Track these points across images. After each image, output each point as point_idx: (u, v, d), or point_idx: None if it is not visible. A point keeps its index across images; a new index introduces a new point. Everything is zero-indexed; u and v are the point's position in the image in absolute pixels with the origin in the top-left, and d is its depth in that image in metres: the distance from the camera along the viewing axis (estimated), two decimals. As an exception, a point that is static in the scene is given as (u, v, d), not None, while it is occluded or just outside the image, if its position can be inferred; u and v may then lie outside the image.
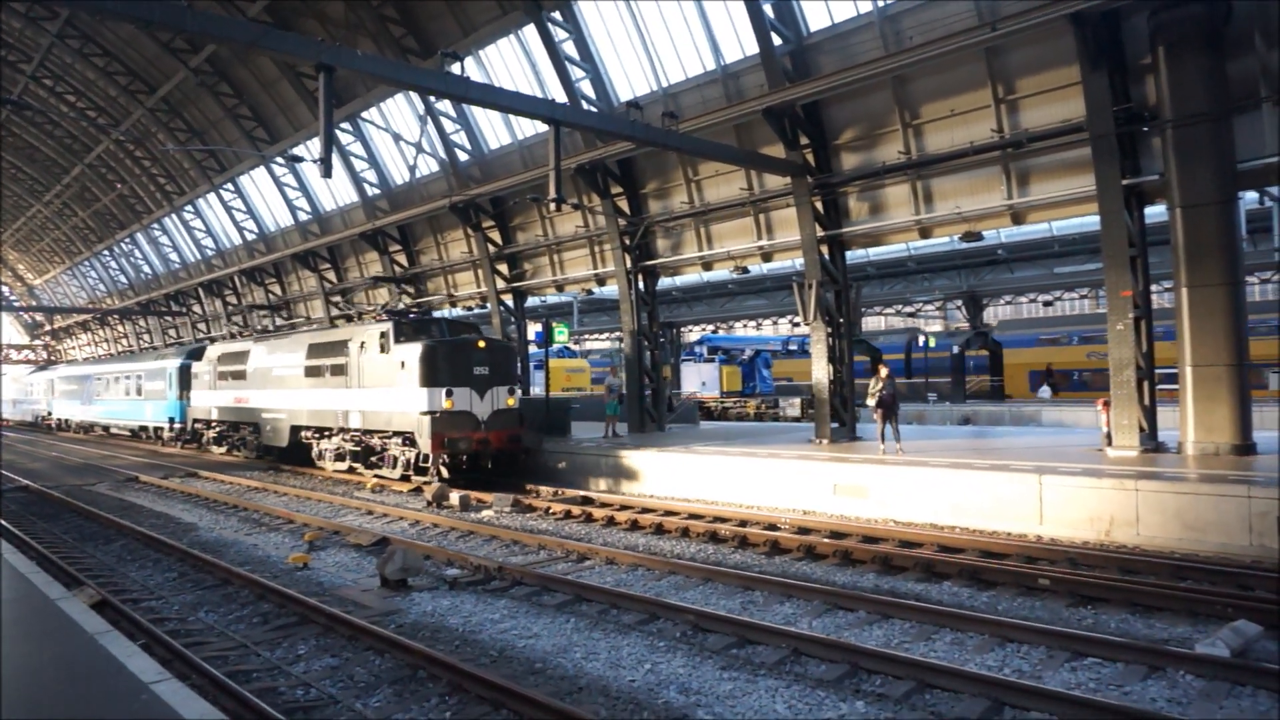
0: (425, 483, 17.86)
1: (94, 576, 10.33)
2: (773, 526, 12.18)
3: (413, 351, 17.48)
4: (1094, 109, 13.89)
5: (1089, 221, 18.43)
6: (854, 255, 18.45)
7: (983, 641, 7.29)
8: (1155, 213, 14.88)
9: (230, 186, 38.44)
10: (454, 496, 15.41)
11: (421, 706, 6.23)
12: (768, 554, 11.02)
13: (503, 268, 26.63)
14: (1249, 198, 14.17)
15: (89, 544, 12.82)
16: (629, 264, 22.01)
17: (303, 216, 34.99)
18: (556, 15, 20.66)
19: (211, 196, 40.22)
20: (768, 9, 17.14)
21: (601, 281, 24.08)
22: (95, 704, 4.90)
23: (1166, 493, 10.61)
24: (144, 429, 34.37)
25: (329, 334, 21.72)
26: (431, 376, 17.12)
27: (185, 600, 9.41)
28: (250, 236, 39.42)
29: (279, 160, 33.09)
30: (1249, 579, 8.76)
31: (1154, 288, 15.48)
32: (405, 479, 18.42)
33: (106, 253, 55.09)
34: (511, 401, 18.11)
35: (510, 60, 23.27)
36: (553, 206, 14.82)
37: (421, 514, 14.47)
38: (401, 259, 30.70)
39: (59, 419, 45.37)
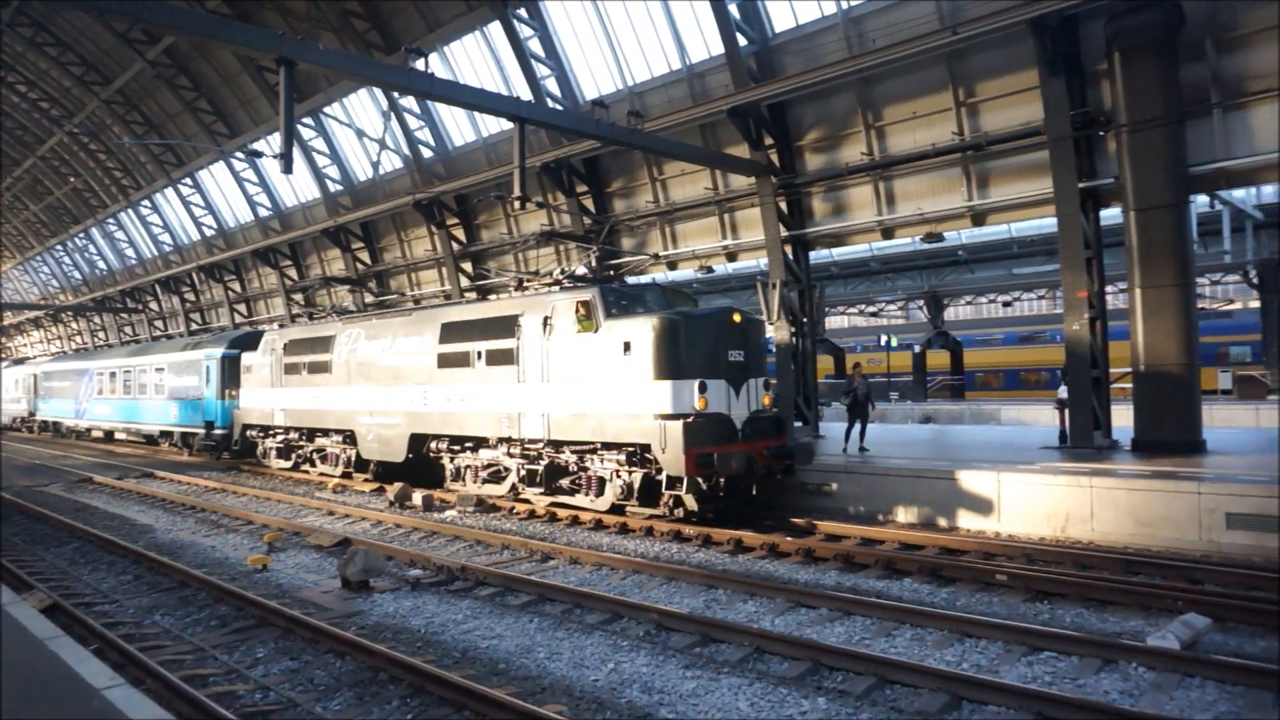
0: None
1: (45, 580, 10.08)
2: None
3: (641, 329, 12.25)
4: (1052, 113, 14.15)
5: (1047, 224, 18.75)
6: (818, 255, 18.62)
7: (942, 637, 7.39)
8: (1110, 215, 15.20)
9: (189, 181, 37.74)
10: (416, 496, 15.27)
11: (383, 709, 6.17)
12: (731, 552, 11.07)
13: (467, 266, 26.45)
14: (1200, 201, 14.51)
15: (40, 547, 12.51)
16: (593, 263, 21.95)
17: (263, 212, 34.45)
18: (522, 12, 20.57)
19: (169, 191, 39.46)
20: (733, 9, 17.22)
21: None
22: (45, 711, 4.78)
23: (1119, 489, 10.84)
24: (165, 435, 27.70)
25: (480, 309, 15.68)
26: (673, 364, 11.94)
27: (140, 604, 9.22)
28: (209, 232, 38.72)
29: (239, 155, 32.60)
30: (1198, 573, 8.98)
31: (1109, 289, 15.80)
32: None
33: (60, 248, 53.81)
34: (768, 400, 13.16)
35: (476, 57, 23.12)
36: (517, 205, 14.74)
37: (384, 514, 14.32)
38: (365, 256, 30.36)
39: (44, 421, 38.76)
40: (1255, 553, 9.63)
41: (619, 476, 12.86)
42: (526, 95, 20.75)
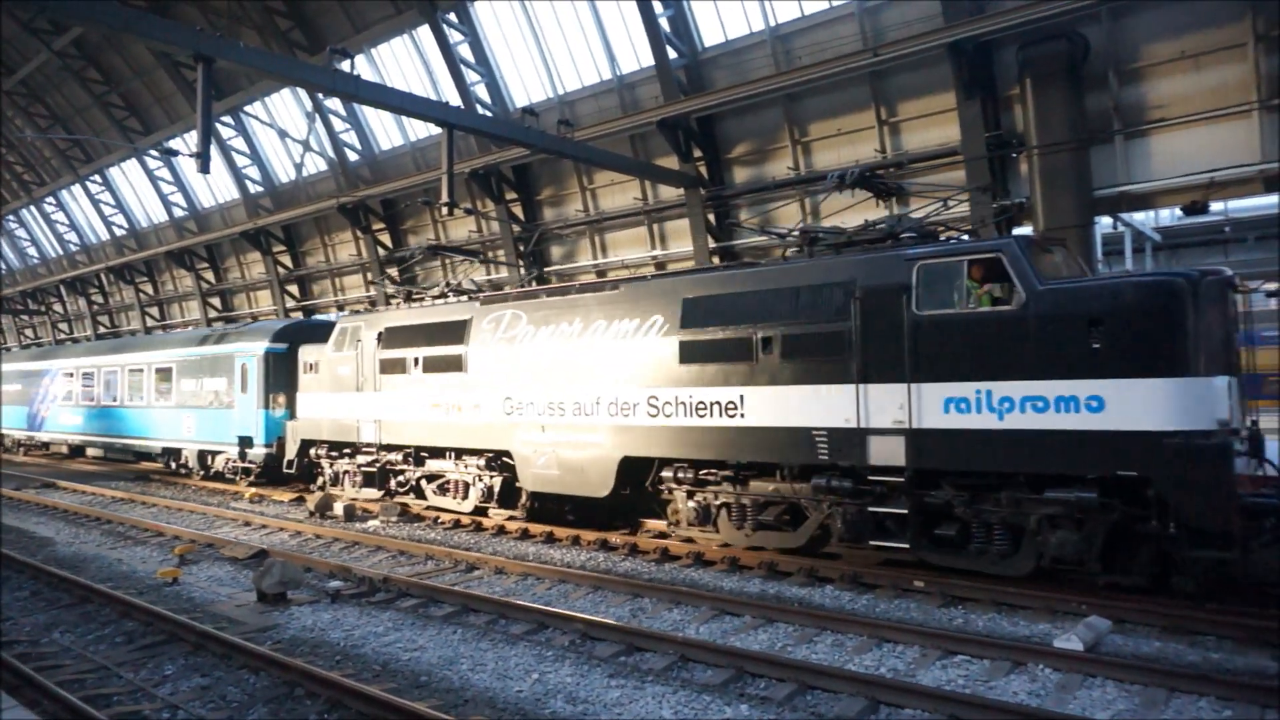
0: (307, 490, 17.20)
1: (-68, 597, 9.52)
2: (663, 534, 12.29)
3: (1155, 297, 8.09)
4: (968, 134, 14.69)
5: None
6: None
7: (861, 643, 7.57)
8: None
9: (98, 178, 36.16)
10: (338, 506, 14.91)
11: (298, 725, 6.01)
12: (658, 561, 11.12)
13: (393, 272, 25.99)
14: (1104, 222, 15.27)
15: (-73, 561, 11.79)
16: (523, 271, 21.86)
17: (179, 213, 33.23)
18: (452, 17, 20.40)
19: (76, 188, 37.74)
20: (663, 22, 17.41)
21: (497, 288, 23.78)
22: (-70, 736, 4.52)
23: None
24: (169, 453, 21.55)
25: (763, 276, 10.70)
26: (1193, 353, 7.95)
27: (37, 621, 8.78)
28: (120, 232, 37.14)
29: (153, 153, 31.41)
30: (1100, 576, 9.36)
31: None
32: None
33: (-46, 245, 50.93)
34: None
35: (404, 60, 22.82)
36: (445, 211, 14.61)
37: (303, 525, 13.94)
38: (286, 260, 29.56)
39: None
40: None
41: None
42: (456, 101, 20.56)
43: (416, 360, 14.45)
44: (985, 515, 8.92)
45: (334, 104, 24.53)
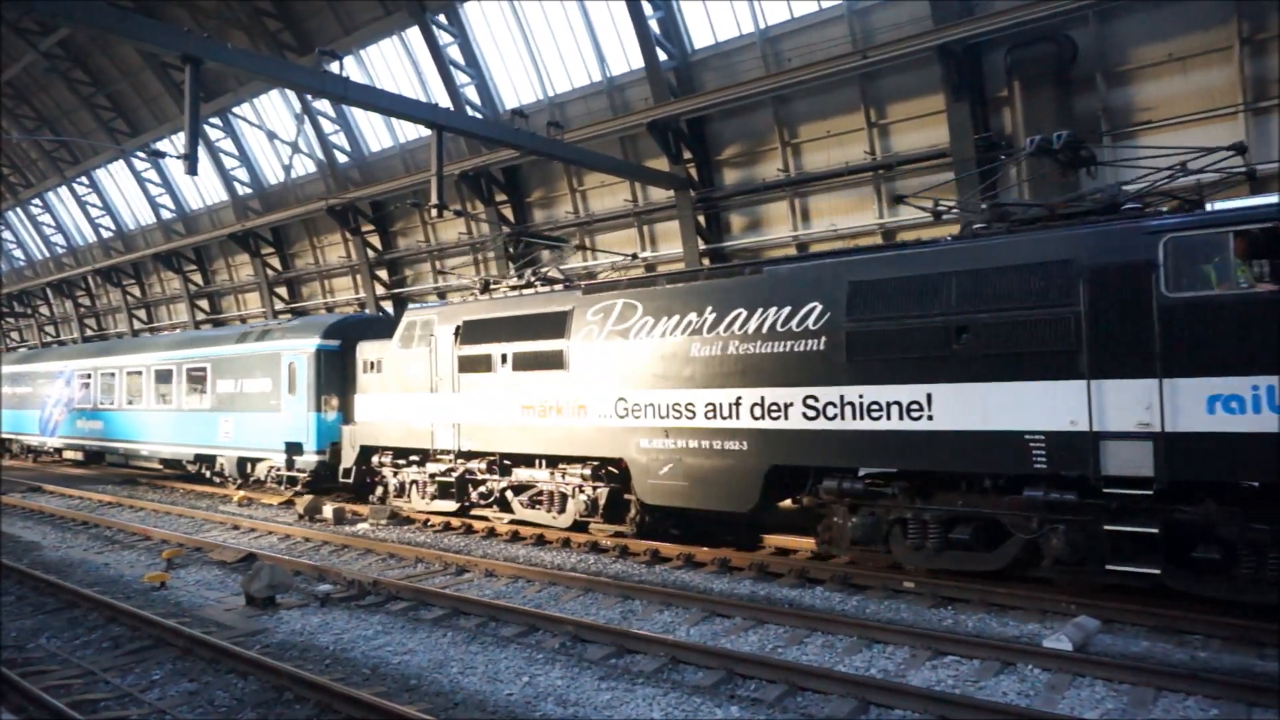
0: (296, 494, 17.10)
1: (-84, 602, 9.43)
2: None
3: None
4: (957, 136, 14.75)
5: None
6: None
7: (851, 644, 7.58)
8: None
9: (85, 180, 35.93)
10: (327, 509, 14.85)
11: (287, 730, 5.97)
12: (648, 563, 11.11)
13: (383, 273, 25.93)
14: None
15: (-89, 566, 11.68)
16: (512, 272, 21.83)
17: (166, 215, 33.06)
18: (441, 19, 20.37)
19: (63, 190, 37.48)
20: (653, 24, 17.42)
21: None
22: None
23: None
24: (201, 460, 19.62)
25: (977, 250, 9.02)
26: None
27: (24, 626, 8.71)
28: (107, 234, 36.92)
29: (140, 154, 31.24)
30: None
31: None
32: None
33: (-61, 247, 50.54)
34: None
35: (393, 62, 22.77)
36: (435, 212, 14.56)
37: (292, 528, 13.87)
38: (275, 262, 29.44)
39: None
40: None
41: None
42: (445, 102, 20.52)
43: (504, 357, 12.92)
44: (1259, 537, 7.45)
45: (323, 105, 24.45)
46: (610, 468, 11.98)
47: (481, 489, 13.78)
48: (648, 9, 17.27)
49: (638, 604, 9.06)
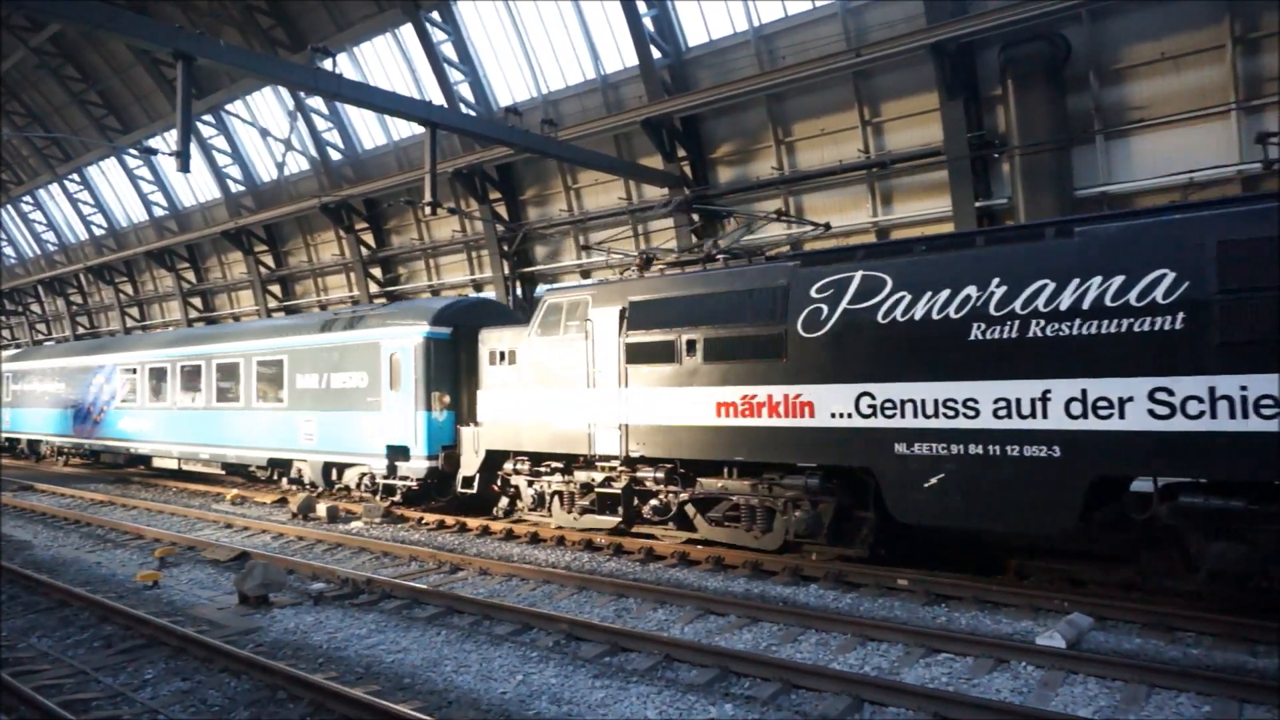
0: (290, 493, 17.04)
1: (-93, 602, 9.38)
2: (649, 534, 12.26)
3: None
4: (950, 135, 14.76)
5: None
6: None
7: (846, 641, 7.59)
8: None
9: (76, 177, 35.77)
10: (321, 508, 14.82)
11: (280, 729, 5.96)
12: (642, 561, 11.11)
13: (376, 271, 25.88)
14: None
15: (-98, 566, 11.62)
16: (506, 270, 21.82)
17: (159, 212, 32.92)
18: (435, 16, 20.32)
19: (54, 187, 37.32)
20: (647, 22, 17.41)
21: (479, 287, 23.72)
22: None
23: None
24: (276, 464, 17.69)
25: None
26: None
27: (15, 626, 8.66)
28: (99, 232, 36.77)
29: (132, 151, 31.10)
30: (1081, 574, 9.43)
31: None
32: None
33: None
34: None
35: (387, 59, 22.71)
36: (428, 210, 14.53)
37: (286, 526, 13.84)
38: (269, 260, 29.35)
39: (10, 440, 28.06)
40: None
41: None
42: (439, 100, 20.47)
43: (691, 345, 10.78)
44: None
45: (316, 103, 24.37)
46: (839, 478, 9.91)
47: (654, 502, 11.56)
48: (642, 7, 17.25)
49: (632, 602, 9.06)
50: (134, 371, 21.49)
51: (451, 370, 14.53)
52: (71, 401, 24.19)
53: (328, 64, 13.17)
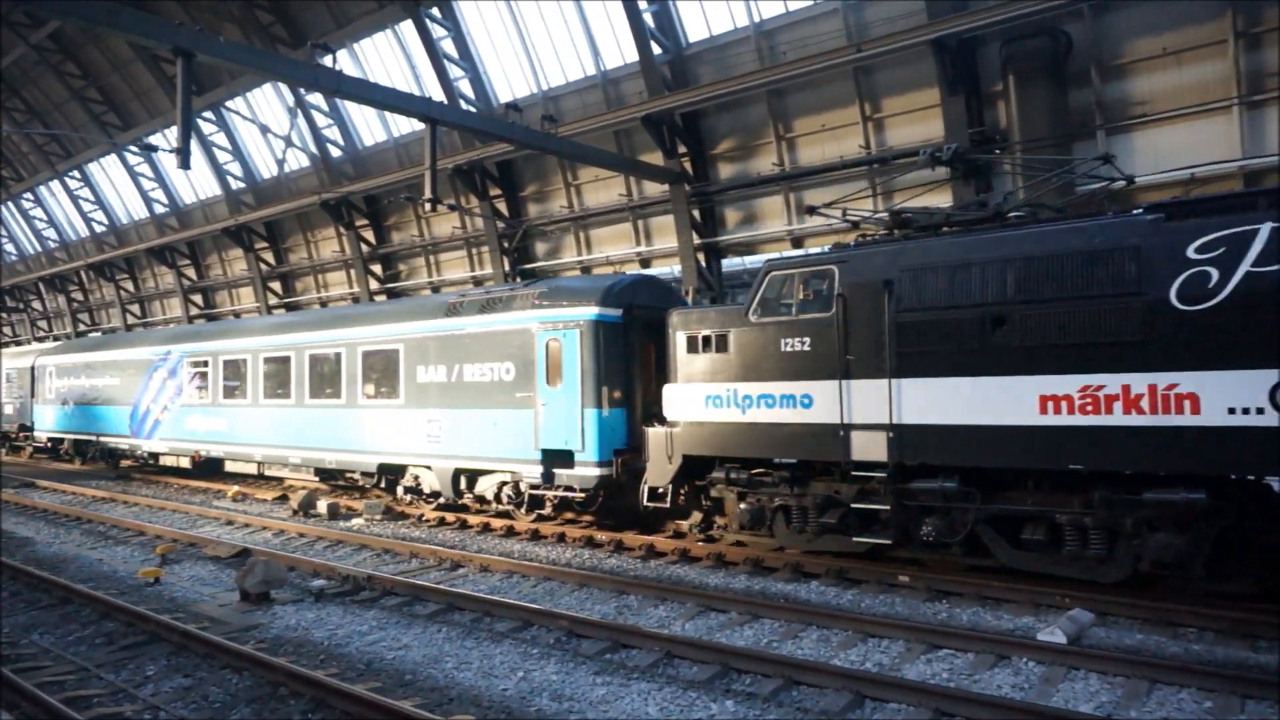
0: (289, 490, 17.04)
1: (-92, 599, 9.39)
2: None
3: None
4: (951, 130, 14.74)
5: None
6: (731, 263, 18.98)
7: (847, 638, 7.59)
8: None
9: (77, 174, 35.75)
10: (322, 504, 14.82)
11: (282, 726, 5.96)
12: (643, 558, 11.11)
13: (376, 268, 25.87)
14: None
15: (-97, 563, 11.63)
16: (507, 267, 21.81)
17: (159, 209, 32.92)
18: (435, 12, 20.29)
19: (55, 184, 37.31)
20: (648, 18, 17.38)
21: (479, 284, 23.72)
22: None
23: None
24: (386, 471, 15.14)
25: None
26: None
27: (17, 622, 8.67)
28: (99, 229, 36.77)
29: (133, 148, 31.10)
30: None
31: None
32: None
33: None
34: None
35: (387, 55, 22.68)
36: (428, 207, 14.52)
37: (286, 523, 13.85)
38: (269, 256, 29.34)
39: (53, 439, 25.11)
40: None
41: None
42: (439, 96, 20.46)
43: (999, 323, 8.50)
44: None
45: (316, 99, 24.35)
46: (1226, 493, 7.88)
47: (935, 522, 9.11)
48: (642, 3, 17.23)
49: (633, 599, 9.06)
50: (204, 364, 19.04)
51: (622, 359, 12.38)
52: (126, 398, 21.62)
53: (328, 60, 13.17)
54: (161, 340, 21.14)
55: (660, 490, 11.24)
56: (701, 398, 10.79)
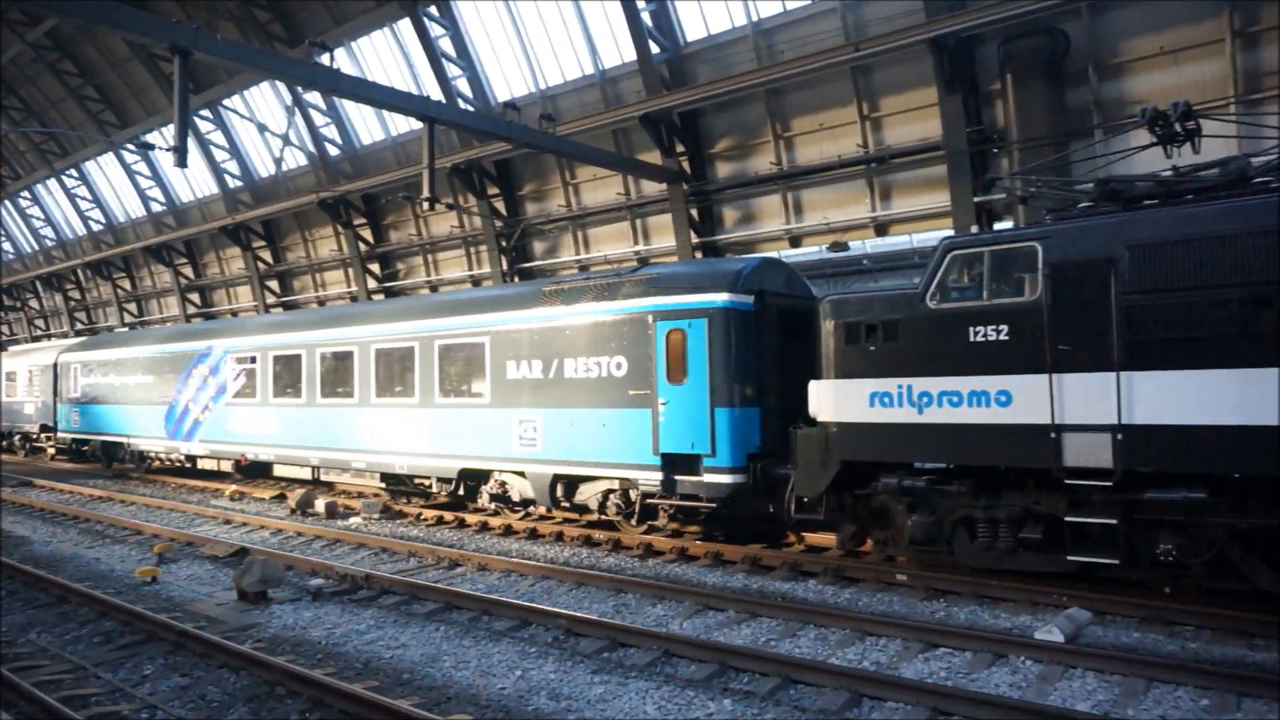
0: (287, 488, 17.01)
1: (-95, 598, 9.37)
2: (650, 529, 12.25)
3: None
4: (949, 129, 14.75)
5: (946, 235, 19.41)
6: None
7: (844, 636, 7.59)
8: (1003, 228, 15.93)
9: (74, 173, 35.69)
10: (319, 503, 14.82)
11: (279, 725, 5.96)
12: (641, 557, 11.12)
13: (374, 267, 25.85)
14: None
15: (-100, 562, 11.61)
16: (505, 266, 21.80)
17: (157, 208, 32.87)
18: (433, 10, 20.27)
19: (52, 183, 37.25)
20: (646, 17, 17.37)
21: (477, 283, 23.72)
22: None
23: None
24: (468, 476, 13.77)
25: None
26: None
27: (14, 621, 8.66)
28: (97, 227, 36.71)
29: (130, 147, 31.02)
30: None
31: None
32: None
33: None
34: None
35: (385, 54, 22.66)
36: (426, 206, 14.50)
37: (284, 522, 13.84)
38: (266, 255, 29.31)
39: (79, 440, 23.61)
40: None
41: None
42: (437, 95, 20.44)
43: (1264, 304, 7.19)
44: None
45: (314, 98, 24.32)
46: None
47: (1172, 537, 7.79)
48: (640, 2, 17.21)
49: (631, 598, 9.06)
50: (252, 360, 17.59)
51: (755, 352, 11.04)
52: (161, 397, 20.19)
53: (325, 59, 13.14)
54: (201, 334, 19.73)
55: (810, 500, 9.83)
56: (865, 395, 9.32)
